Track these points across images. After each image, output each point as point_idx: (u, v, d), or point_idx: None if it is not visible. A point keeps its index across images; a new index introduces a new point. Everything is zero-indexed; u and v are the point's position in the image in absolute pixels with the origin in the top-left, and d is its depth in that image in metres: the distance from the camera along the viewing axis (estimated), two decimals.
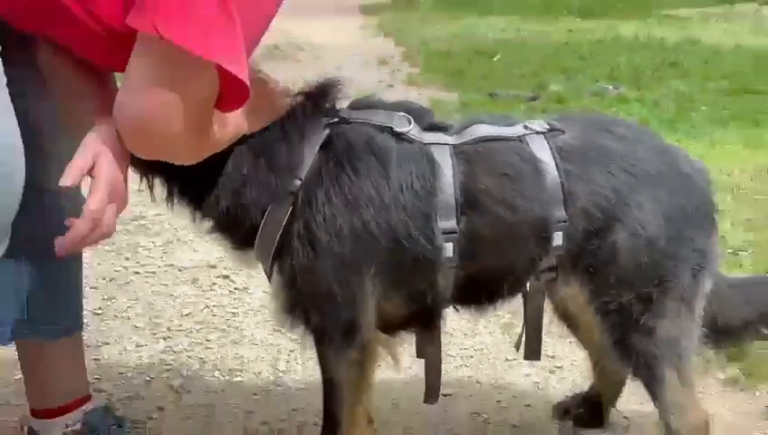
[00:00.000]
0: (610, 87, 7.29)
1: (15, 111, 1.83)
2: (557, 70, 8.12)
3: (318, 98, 2.15)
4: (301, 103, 2.13)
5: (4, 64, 1.77)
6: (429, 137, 2.15)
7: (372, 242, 2.07)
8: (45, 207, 1.91)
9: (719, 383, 2.88)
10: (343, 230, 2.06)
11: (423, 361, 2.34)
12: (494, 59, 8.56)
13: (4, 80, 1.73)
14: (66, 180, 1.78)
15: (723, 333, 2.38)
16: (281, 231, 2.08)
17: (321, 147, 2.09)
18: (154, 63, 1.69)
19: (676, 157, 2.25)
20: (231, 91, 1.77)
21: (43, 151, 1.94)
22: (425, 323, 2.27)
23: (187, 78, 1.70)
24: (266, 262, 2.14)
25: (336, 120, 2.13)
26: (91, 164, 1.81)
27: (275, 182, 2.07)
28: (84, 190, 2.01)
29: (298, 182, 2.06)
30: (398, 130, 2.12)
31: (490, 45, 9.33)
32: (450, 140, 2.15)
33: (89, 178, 1.83)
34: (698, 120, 6.21)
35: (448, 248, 2.10)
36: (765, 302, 2.40)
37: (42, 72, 1.94)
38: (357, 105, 2.21)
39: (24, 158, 1.74)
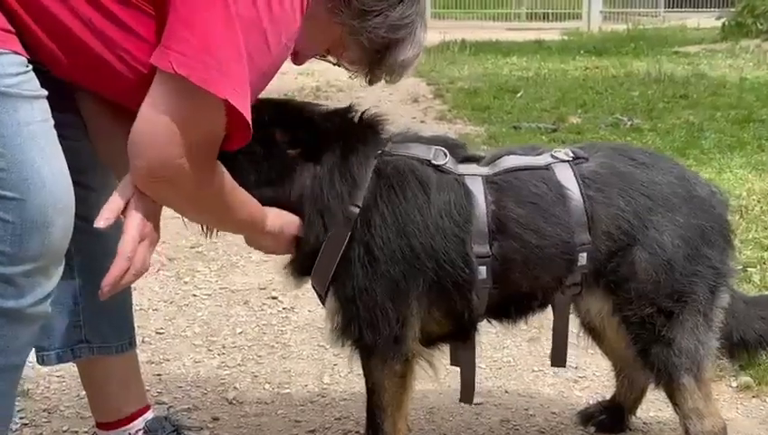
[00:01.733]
0: (625, 119, 7.22)
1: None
2: (575, 104, 8.06)
3: (370, 131, 2.16)
4: (357, 136, 2.13)
5: (59, 112, 1.79)
6: (464, 169, 2.14)
7: (419, 264, 2.07)
8: (93, 235, 1.91)
9: (732, 390, 2.83)
10: (396, 253, 2.06)
11: (457, 372, 2.32)
12: (518, 95, 8.53)
13: (52, 121, 1.75)
14: (99, 222, 1.80)
15: (738, 346, 2.35)
16: (340, 255, 2.07)
17: (373, 176, 2.10)
18: (167, 94, 1.69)
19: (693, 181, 2.23)
20: (235, 132, 1.76)
21: (85, 187, 1.96)
22: (461, 336, 2.26)
23: (194, 109, 1.70)
24: (323, 285, 2.13)
25: (382, 151, 2.14)
26: (123, 205, 1.82)
27: (338, 209, 2.06)
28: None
29: (357, 209, 2.06)
30: (435, 162, 2.12)
31: (513, 83, 9.30)
32: (483, 171, 2.15)
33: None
34: (708, 148, 6.13)
35: (482, 271, 2.10)
36: None
37: (81, 116, 1.96)
38: (397, 139, 2.20)
39: (73, 192, 1.76)
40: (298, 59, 2.01)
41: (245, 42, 1.67)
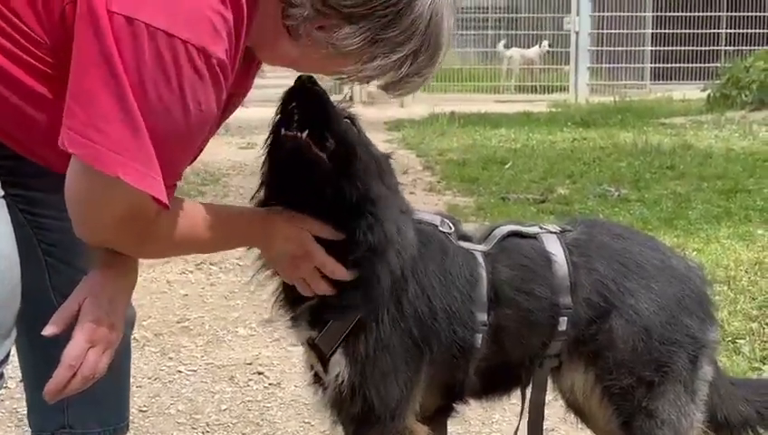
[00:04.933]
0: (613, 189, 7.28)
1: (51, 231, 1.86)
2: (563, 175, 8.12)
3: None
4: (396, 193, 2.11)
5: (43, 191, 1.78)
6: (464, 244, 2.17)
7: (436, 325, 2.06)
8: None
9: None
10: (420, 312, 2.03)
11: None
12: (506, 167, 8.59)
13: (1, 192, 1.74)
14: (47, 329, 1.73)
15: (723, 426, 2.33)
16: None
17: None
18: (72, 173, 1.64)
19: (668, 254, 2.29)
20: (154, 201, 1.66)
21: (76, 267, 1.94)
22: (442, 414, 2.23)
23: (96, 188, 1.62)
24: (334, 340, 2.02)
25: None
26: (76, 309, 1.75)
27: (400, 256, 2.00)
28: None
29: (409, 261, 2.02)
30: (442, 229, 2.14)
31: (501, 154, 9.37)
32: (481, 247, 2.17)
33: None
34: (695, 218, 6.16)
35: (478, 339, 2.09)
36: (764, 404, 2.36)
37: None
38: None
39: (18, 263, 1.72)
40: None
41: (144, 112, 1.56)
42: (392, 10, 1.65)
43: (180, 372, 3.70)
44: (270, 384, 3.55)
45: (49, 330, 1.73)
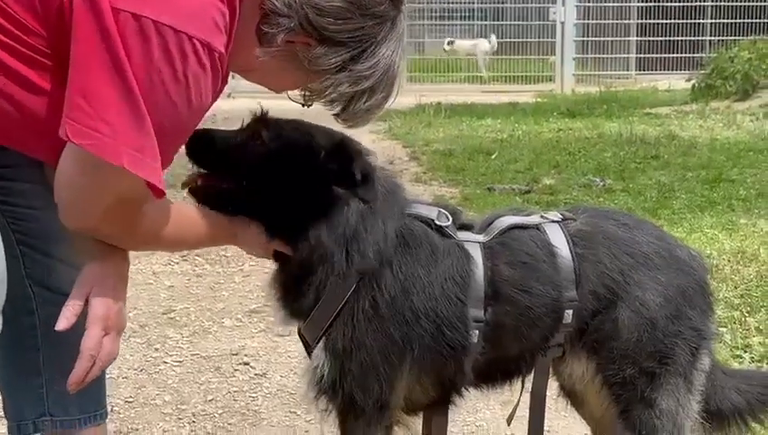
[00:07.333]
0: (598, 179, 7.31)
1: (25, 220, 1.88)
2: (548, 165, 8.15)
3: (400, 190, 2.18)
4: (395, 192, 2.15)
5: (17, 181, 1.80)
6: (462, 235, 2.16)
7: (419, 327, 2.06)
8: (58, 306, 1.84)
9: None
10: (400, 313, 2.05)
11: None
12: (492, 157, 8.61)
13: None
14: (60, 324, 1.77)
15: (715, 415, 2.35)
16: (341, 305, 2.04)
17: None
18: (71, 162, 1.68)
19: (673, 243, 2.28)
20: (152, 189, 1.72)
21: (51, 256, 1.96)
22: (442, 404, 2.24)
23: (97, 176, 1.67)
24: (315, 334, 2.08)
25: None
26: (83, 303, 1.79)
27: (351, 258, 2.04)
28: None
29: (370, 262, 2.04)
30: (438, 223, 2.14)
31: (487, 145, 9.39)
32: (480, 238, 2.16)
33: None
34: (679, 208, 6.21)
35: (475, 335, 2.09)
36: (754, 395, 2.37)
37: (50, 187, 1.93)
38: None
39: (3, 255, 1.73)
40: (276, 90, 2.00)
41: (148, 104, 1.61)
42: (362, 45, 1.81)
43: (166, 362, 3.70)
44: (256, 374, 3.56)
45: (62, 324, 1.77)
